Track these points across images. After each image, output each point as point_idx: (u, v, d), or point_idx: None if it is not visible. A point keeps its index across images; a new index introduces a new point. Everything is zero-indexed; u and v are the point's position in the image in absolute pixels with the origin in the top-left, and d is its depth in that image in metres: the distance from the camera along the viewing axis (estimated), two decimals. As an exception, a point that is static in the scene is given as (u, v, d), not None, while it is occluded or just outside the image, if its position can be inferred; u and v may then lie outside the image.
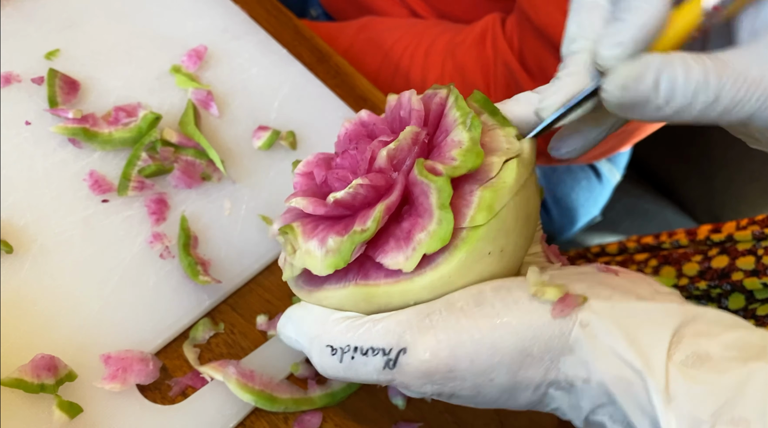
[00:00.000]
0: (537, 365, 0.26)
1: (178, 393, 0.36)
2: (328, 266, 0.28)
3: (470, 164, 0.27)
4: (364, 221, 0.28)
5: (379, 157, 0.29)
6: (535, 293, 0.26)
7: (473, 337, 0.26)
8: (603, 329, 0.25)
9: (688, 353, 0.24)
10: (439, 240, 0.26)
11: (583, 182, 0.79)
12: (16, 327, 0.35)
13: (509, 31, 0.58)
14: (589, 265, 0.30)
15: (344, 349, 0.27)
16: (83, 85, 0.43)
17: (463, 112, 0.29)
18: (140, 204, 0.40)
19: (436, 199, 0.27)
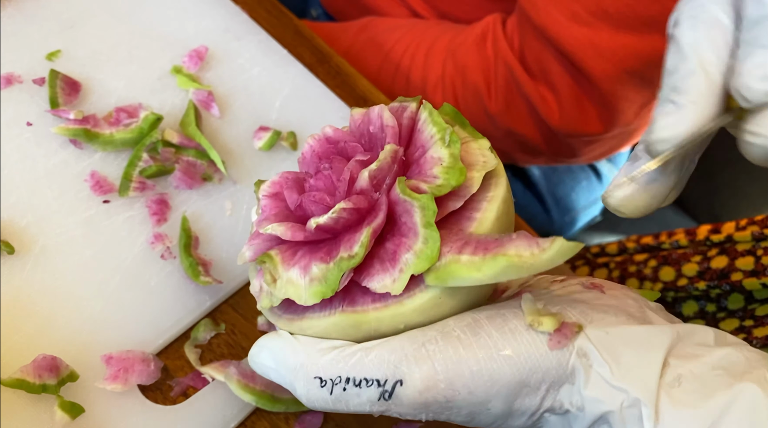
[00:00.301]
0: (534, 394, 0.26)
1: (179, 393, 0.37)
2: (314, 295, 0.27)
3: (454, 181, 0.27)
4: (351, 247, 0.27)
5: (361, 178, 0.28)
6: (531, 323, 0.26)
7: (471, 369, 0.25)
8: (599, 359, 0.25)
9: (676, 376, 0.25)
10: (426, 260, 0.26)
11: (584, 182, 0.79)
12: (18, 327, 0.35)
13: (510, 31, 0.58)
14: (574, 280, 0.30)
15: (335, 380, 0.26)
16: (84, 86, 0.43)
17: (440, 127, 0.28)
18: (141, 205, 0.40)
19: (421, 217, 0.26)
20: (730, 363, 0.25)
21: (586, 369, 0.25)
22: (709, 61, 0.25)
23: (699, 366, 0.25)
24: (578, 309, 0.27)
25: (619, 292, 0.29)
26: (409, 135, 0.30)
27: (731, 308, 0.49)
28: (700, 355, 0.25)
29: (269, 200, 0.31)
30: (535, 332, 0.26)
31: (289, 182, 0.31)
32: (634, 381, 0.25)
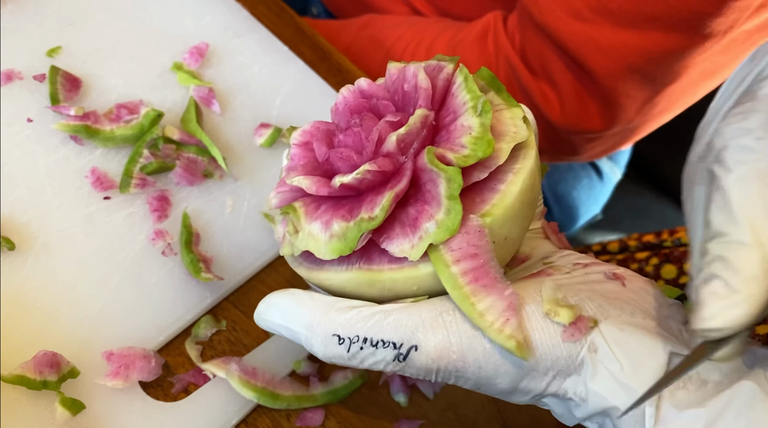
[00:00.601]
0: (540, 378, 0.27)
1: (180, 390, 0.36)
2: (332, 251, 0.28)
3: (481, 153, 0.27)
4: (372, 208, 0.27)
5: (388, 142, 0.28)
6: (548, 312, 0.26)
7: (484, 346, 0.26)
8: (609, 355, 0.26)
9: (683, 379, 0.25)
10: (446, 231, 0.26)
11: (585, 180, 0.79)
12: (19, 323, 0.35)
13: (511, 28, 0.58)
14: (597, 266, 0.30)
15: (353, 339, 0.27)
16: (85, 82, 0.43)
17: (474, 95, 0.28)
18: (142, 201, 0.40)
19: (446, 189, 0.26)
20: (735, 361, 0.25)
21: (595, 363, 0.26)
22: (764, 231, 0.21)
23: (704, 366, 0.25)
24: (596, 303, 0.27)
25: (639, 286, 0.29)
26: (442, 97, 0.30)
27: (733, 306, 0.49)
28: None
29: (299, 149, 0.31)
30: (550, 320, 0.26)
31: (320, 133, 0.31)
32: (641, 380, 0.25)
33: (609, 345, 0.26)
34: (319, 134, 0.31)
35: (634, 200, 1.00)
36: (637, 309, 0.27)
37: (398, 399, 0.40)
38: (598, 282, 0.29)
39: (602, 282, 0.29)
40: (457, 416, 0.41)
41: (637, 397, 0.25)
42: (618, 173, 0.82)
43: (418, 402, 0.40)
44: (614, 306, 0.27)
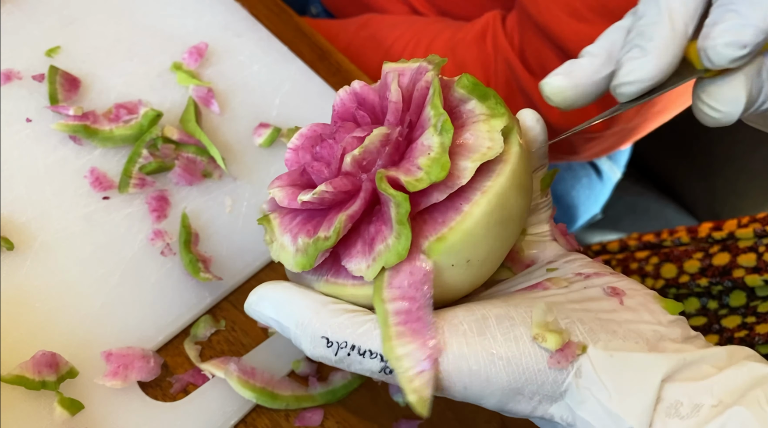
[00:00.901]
0: (526, 402, 0.26)
1: (179, 390, 0.36)
2: (297, 265, 0.28)
3: (434, 176, 0.26)
4: (328, 228, 0.27)
5: (345, 162, 0.27)
6: (536, 336, 0.26)
7: (471, 368, 0.26)
8: (597, 382, 0.25)
9: (674, 404, 0.25)
10: (396, 255, 0.26)
11: (584, 179, 0.79)
12: (17, 323, 0.35)
13: (510, 28, 0.58)
14: (598, 278, 0.30)
15: (341, 344, 0.27)
16: (84, 82, 0.43)
17: (436, 111, 0.27)
18: (141, 201, 0.40)
19: (395, 214, 0.26)
20: (730, 385, 0.25)
21: (582, 390, 0.26)
22: (676, 11, 0.26)
23: (699, 391, 0.25)
24: (588, 326, 0.27)
25: (638, 302, 0.28)
26: (421, 107, 0.29)
27: (733, 305, 0.49)
28: (702, 378, 0.25)
29: (292, 154, 0.31)
30: (538, 345, 0.26)
31: (309, 140, 0.31)
32: (630, 409, 0.25)
33: (597, 373, 0.25)
34: (309, 140, 0.31)
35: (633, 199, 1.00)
36: (630, 332, 0.27)
37: (397, 399, 0.40)
38: (594, 300, 0.28)
39: (599, 300, 0.28)
40: (456, 416, 0.41)
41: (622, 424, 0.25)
42: (617, 173, 0.82)
43: (418, 402, 0.40)
44: (606, 330, 0.27)
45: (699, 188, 1.02)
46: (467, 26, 0.61)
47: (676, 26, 0.26)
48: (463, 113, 0.28)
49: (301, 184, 0.30)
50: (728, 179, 0.98)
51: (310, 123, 0.32)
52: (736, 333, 0.47)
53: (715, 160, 0.98)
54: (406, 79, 0.30)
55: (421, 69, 0.29)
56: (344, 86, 0.31)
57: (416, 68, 0.30)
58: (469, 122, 0.28)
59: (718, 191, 1.00)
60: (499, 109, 0.28)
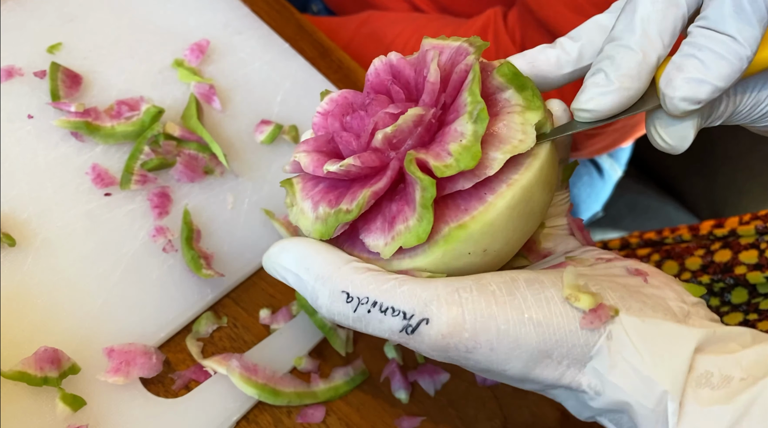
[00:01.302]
0: (553, 367, 0.26)
1: (181, 386, 0.36)
2: (315, 232, 0.28)
3: (463, 164, 0.26)
4: (351, 201, 0.27)
5: (376, 138, 0.27)
6: (568, 297, 0.25)
7: (499, 327, 0.25)
8: (629, 347, 0.25)
9: (705, 374, 0.24)
10: (415, 237, 0.26)
11: (585, 177, 0.79)
12: (19, 320, 0.35)
13: (511, 24, 0.58)
14: (619, 261, 0.30)
15: (362, 300, 0.26)
16: (85, 78, 0.43)
17: (474, 99, 0.26)
18: (143, 198, 0.40)
19: (420, 196, 0.26)
20: (760, 359, 0.25)
21: (613, 354, 0.25)
22: (650, 39, 0.26)
23: (728, 364, 0.25)
24: (618, 294, 0.26)
25: (662, 282, 0.28)
26: (457, 90, 0.28)
27: (735, 303, 0.49)
28: (731, 352, 0.25)
29: (321, 119, 0.31)
30: (570, 306, 0.25)
31: (339, 108, 0.31)
32: (664, 374, 0.24)
33: (629, 337, 0.25)
34: (340, 107, 0.31)
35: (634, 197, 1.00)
36: (658, 306, 0.27)
37: (399, 396, 0.40)
38: (620, 276, 0.28)
39: (624, 277, 0.28)
40: (458, 413, 0.41)
41: (659, 392, 0.24)
42: (618, 171, 0.82)
43: (420, 398, 0.40)
44: (636, 299, 0.26)
45: (700, 186, 1.02)
46: (468, 23, 0.61)
47: (647, 58, 0.26)
48: (499, 101, 0.28)
49: (327, 151, 0.30)
50: (729, 177, 0.98)
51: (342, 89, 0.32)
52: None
53: (716, 158, 0.98)
54: (444, 57, 0.29)
55: (461, 50, 0.29)
56: (380, 56, 0.30)
57: (456, 48, 0.29)
58: (504, 112, 0.27)
59: (719, 190, 1.00)
60: (536, 101, 0.27)
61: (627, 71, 0.26)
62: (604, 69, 0.26)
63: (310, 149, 0.30)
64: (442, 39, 0.30)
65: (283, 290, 0.42)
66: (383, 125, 0.28)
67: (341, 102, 0.31)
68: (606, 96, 0.26)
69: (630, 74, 0.26)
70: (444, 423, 0.40)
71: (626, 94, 0.26)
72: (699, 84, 0.25)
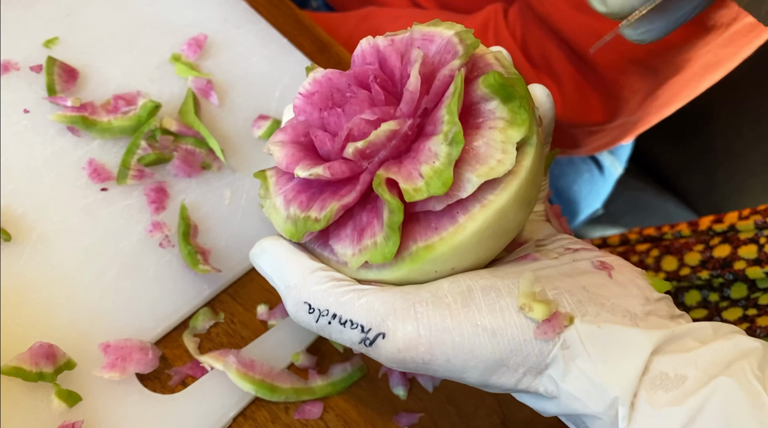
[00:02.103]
0: (510, 375, 0.26)
1: (177, 382, 0.36)
2: (285, 232, 0.28)
3: (433, 190, 0.25)
4: (320, 210, 0.27)
5: (347, 150, 0.26)
6: (522, 306, 0.26)
7: (454, 340, 0.25)
8: (583, 354, 0.25)
9: (660, 376, 0.24)
10: (381, 255, 0.26)
11: (585, 174, 0.79)
12: (15, 315, 0.34)
13: (512, 21, 0.57)
14: (587, 252, 0.30)
15: (322, 312, 0.27)
16: (82, 73, 0.43)
17: (450, 119, 0.25)
18: (140, 193, 0.40)
19: (387, 218, 0.25)
20: (716, 357, 0.25)
21: (567, 362, 0.25)
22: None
23: (683, 363, 0.25)
24: (576, 298, 0.26)
25: (627, 277, 0.28)
26: (440, 95, 0.27)
27: (734, 298, 0.48)
28: (688, 351, 0.25)
29: (302, 102, 0.30)
30: (525, 316, 0.26)
31: (322, 90, 0.29)
32: (615, 380, 0.24)
33: (584, 344, 0.25)
34: (324, 88, 0.29)
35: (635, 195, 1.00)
36: (617, 308, 0.27)
37: (397, 392, 0.40)
38: (583, 273, 0.28)
39: (588, 273, 0.28)
40: (456, 409, 0.40)
41: (611, 398, 0.24)
42: (619, 168, 0.82)
43: (418, 395, 0.40)
44: (595, 302, 0.26)
45: (700, 183, 1.01)
46: (468, 19, 0.61)
47: None
48: (482, 111, 0.27)
49: (304, 143, 0.29)
50: (729, 174, 0.98)
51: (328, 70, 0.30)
52: (737, 325, 0.47)
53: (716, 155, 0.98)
54: (433, 48, 0.28)
55: (450, 46, 0.27)
56: (368, 37, 0.29)
57: (446, 42, 0.27)
58: (486, 126, 0.26)
59: (719, 187, 0.99)
60: (521, 114, 0.26)
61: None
62: None
63: (287, 139, 0.29)
64: (434, 25, 0.28)
65: (281, 286, 0.41)
66: (357, 132, 0.27)
67: (325, 84, 0.29)
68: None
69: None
70: (442, 420, 0.40)
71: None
72: None
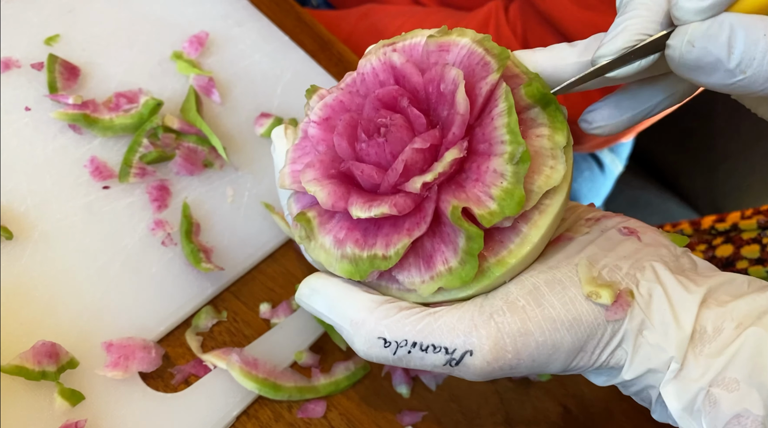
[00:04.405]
0: (588, 357, 0.27)
1: (180, 381, 0.36)
2: (343, 271, 0.27)
3: (508, 211, 0.25)
4: (386, 246, 0.26)
5: (412, 184, 0.25)
6: (590, 294, 0.26)
7: (537, 340, 0.26)
8: (645, 322, 0.26)
9: (700, 331, 0.26)
10: (459, 280, 0.26)
11: (586, 172, 0.79)
12: (17, 313, 0.34)
13: (512, 17, 0.57)
14: (608, 220, 0.30)
15: (400, 343, 0.26)
16: (83, 70, 0.43)
17: (514, 139, 0.25)
18: (142, 191, 0.40)
19: (465, 244, 0.25)
20: (749, 309, 0.26)
21: (634, 333, 0.26)
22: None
23: (720, 316, 0.26)
24: (624, 270, 0.27)
25: (652, 238, 0.30)
26: (480, 110, 0.26)
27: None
28: (724, 305, 0.26)
29: (319, 131, 0.28)
30: (593, 302, 0.26)
31: (336, 115, 0.28)
32: (670, 341, 0.26)
33: (643, 313, 0.26)
34: (337, 112, 0.28)
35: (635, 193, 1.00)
36: (657, 266, 0.28)
37: (401, 391, 0.40)
38: (618, 243, 0.29)
39: (621, 242, 0.29)
40: (460, 407, 0.40)
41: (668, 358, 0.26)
42: (619, 166, 0.82)
43: (421, 393, 0.40)
44: (639, 268, 0.28)
45: (701, 181, 1.01)
46: (469, 16, 0.60)
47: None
48: (524, 120, 0.27)
49: (337, 176, 0.28)
50: (730, 172, 0.98)
51: (331, 91, 0.29)
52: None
53: (717, 154, 0.98)
54: (452, 57, 0.27)
55: (474, 57, 0.27)
56: (377, 52, 0.28)
57: (467, 53, 0.27)
58: (532, 136, 0.26)
59: (720, 185, 0.99)
60: (559, 117, 0.26)
61: (636, 14, 0.25)
62: (616, 20, 0.26)
63: (320, 176, 0.27)
64: (445, 34, 0.28)
65: (283, 285, 0.41)
66: (413, 164, 0.26)
67: (338, 108, 0.29)
68: (616, 37, 0.25)
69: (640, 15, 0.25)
70: (446, 418, 0.40)
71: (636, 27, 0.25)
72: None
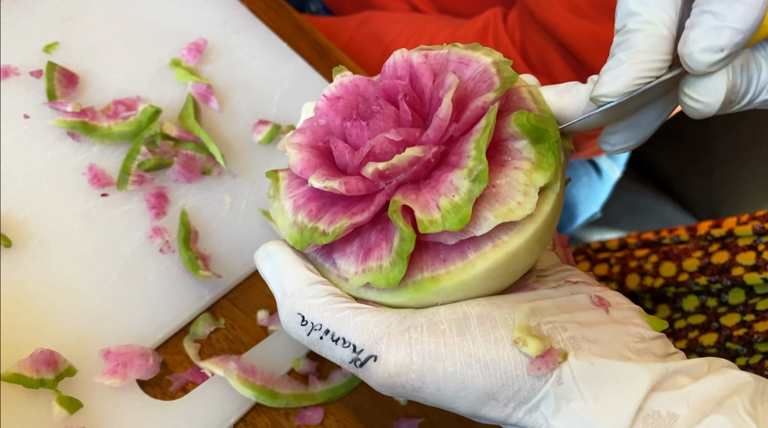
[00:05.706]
0: (500, 408, 0.26)
1: (178, 388, 0.36)
2: (289, 237, 0.27)
3: (448, 225, 0.24)
4: (329, 224, 0.26)
5: (366, 169, 0.26)
6: (516, 340, 0.25)
7: (446, 369, 0.25)
8: (575, 392, 0.25)
9: (652, 415, 0.24)
10: (385, 280, 0.25)
11: (584, 178, 0.79)
12: (16, 321, 0.34)
13: (511, 25, 0.57)
14: (586, 286, 0.29)
15: (315, 326, 0.26)
16: (82, 78, 0.43)
17: (477, 155, 0.24)
18: (140, 198, 0.40)
19: (398, 244, 0.25)
20: (708, 394, 0.25)
21: (558, 398, 0.25)
22: (656, 17, 0.25)
23: (675, 401, 0.24)
24: (570, 334, 0.26)
25: (623, 315, 0.28)
26: (471, 125, 0.26)
27: (732, 303, 0.49)
28: (680, 388, 0.25)
29: (326, 104, 0.29)
30: (518, 350, 0.25)
31: (347, 96, 0.29)
32: (608, 419, 0.24)
33: (576, 382, 0.25)
34: (349, 94, 0.29)
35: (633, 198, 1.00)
36: (614, 343, 0.26)
37: (398, 398, 0.40)
38: (580, 308, 0.28)
39: (585, 309, 0.28)
40: (457, 415, 0.40)
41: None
42: (617, 172, 0.82)
43: (418, 400, 0.40)
44: (589, 339, 0.26)
45: (698, 186, 1.02)
46: (468, 23, 0.61)
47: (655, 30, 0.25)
48: (509, 149, 0.26)
49: (322, 149, 0.28)
50: (726, 177, 0.98)
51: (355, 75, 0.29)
52: (735, 330, 0.47)
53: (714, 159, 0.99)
54: (468, 72, 0.27)
55: (487, 75, 0.27)
56: (403, 50, 0.29)
57: (482, 71, 0.27)
58: (511, 166, 0.26)
59: (718, 190, 1.00)
60: (549, 158, 0.25)
61: (637, 48, 0.25)
62: (616, 54, 0.25)
63: (305, 142, 0.29)
64: (473, 49, 0.28)
65: (281, 292, 0.41)
66: (379, 151, 0.26)
67: (351, 90, 0.29)
68: (618, 78, 0.25)
69: (641, 50, 0.24)
70: (442, 425, 0.40)
71: (642, 65, 0.24)
72: (717, 31, 0.23)
